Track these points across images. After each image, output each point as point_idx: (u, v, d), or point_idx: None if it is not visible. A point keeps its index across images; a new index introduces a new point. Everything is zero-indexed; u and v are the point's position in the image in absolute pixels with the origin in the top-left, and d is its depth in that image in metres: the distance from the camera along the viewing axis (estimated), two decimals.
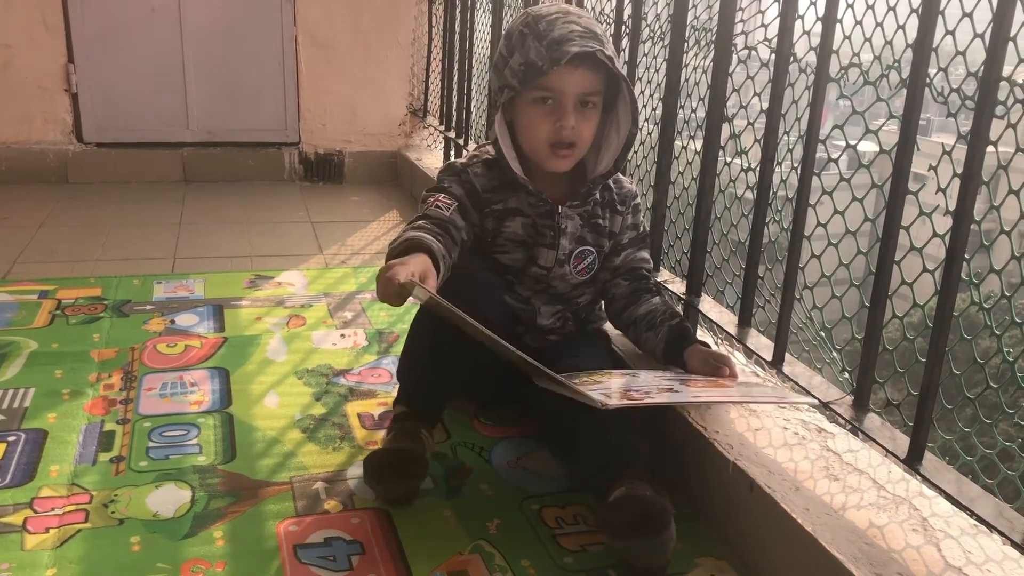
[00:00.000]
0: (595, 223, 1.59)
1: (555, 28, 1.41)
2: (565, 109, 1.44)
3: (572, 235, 1.56)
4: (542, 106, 1.45)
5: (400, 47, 3.83)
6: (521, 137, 1.52)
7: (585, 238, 1.58)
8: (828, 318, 1.42)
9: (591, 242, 1.59)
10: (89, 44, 3.51)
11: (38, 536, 1.27)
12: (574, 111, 1.44)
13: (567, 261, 1.57)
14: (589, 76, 1.43)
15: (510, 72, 1.45)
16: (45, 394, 1.71)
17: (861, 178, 1.31)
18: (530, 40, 1.42)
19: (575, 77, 1.42)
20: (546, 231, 1.55)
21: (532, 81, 1.43)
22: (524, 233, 1.55)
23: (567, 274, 1.58)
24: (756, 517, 1.23)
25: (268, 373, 1.85)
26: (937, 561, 1.05)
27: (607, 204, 1.60)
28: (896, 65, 1.19)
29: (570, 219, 1.56)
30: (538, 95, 1.45)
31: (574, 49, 1.38)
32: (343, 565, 1.23)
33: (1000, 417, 1.12)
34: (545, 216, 1.55)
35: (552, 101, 1.45)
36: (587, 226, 1.58)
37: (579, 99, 1.45)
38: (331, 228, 3.12)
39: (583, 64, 1.41)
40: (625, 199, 1.62)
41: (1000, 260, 1.04)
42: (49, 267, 2.52)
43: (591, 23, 1.45)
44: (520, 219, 1.55)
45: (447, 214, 1.47)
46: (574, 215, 1.56)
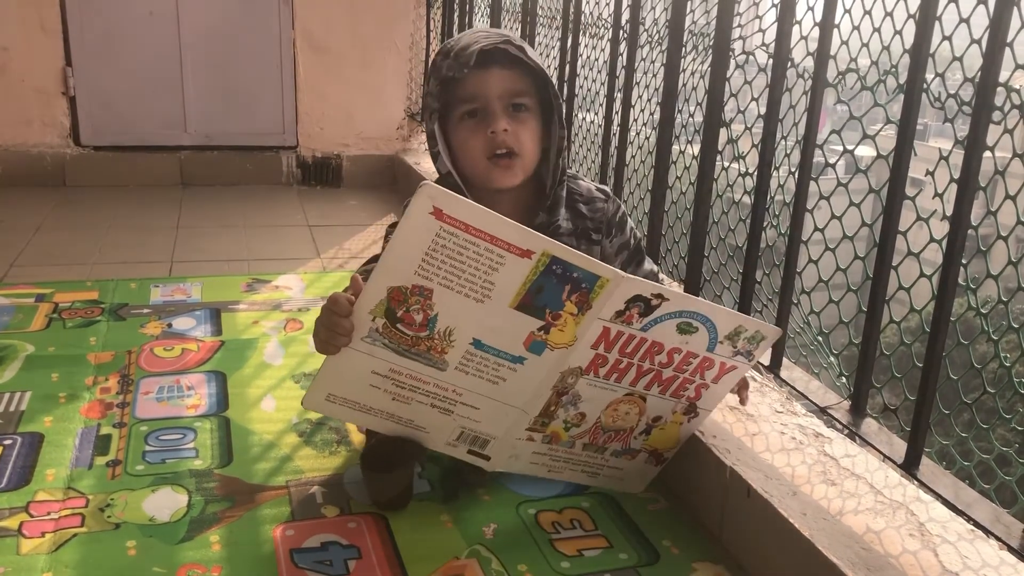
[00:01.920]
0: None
1: (461, 41, 1.37)
2: (492, 114, 1.35)
3: None
4: (470, 121, 1.37)
5: (398, 51, 3.83)
6: (461, 164, 1.41)
7: None
8: (825, 323, 1.42)
9: None
10: (87, 47, 3.51)
11: (34, 540, 1.26)
12: (504, 114, 1.36)
13: None
14: (506, 74, 1.35)
15: (431, 98, 1.38)
16: (41, 397, 1.70)
17: (858, 183, 1.32)
18: (440, 60, 1.37)
19: (492, 77, 1.35)
20: None
21: (451, 93, 1.36)
22: None
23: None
24: (753, 522, 1.23)
25: (265, 377, 1.85)
26: (934, 566, 1.05)
27: (580, 234, 1.46)
28: (893, 70, 1.20)
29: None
30: (463, 110, 1.37)
31: (478, 46, 1.32)
32: (340, 570, 1.22)
33: (997, 422, 1.12)
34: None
35: (479, 112, 1.36)
36: None
37: (506, 102, 1.36)
38: (329, 232, 3.11)
39: (496, 63, 1.34)
40: (600, 223, 1.48)
41: (997, 265, 1.05)
42: (46, 270, 2.52)
43: (501, 30, 1.40)
44: None
45: None
46: None
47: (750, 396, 1.46)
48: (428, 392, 1.23)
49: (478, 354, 1.19)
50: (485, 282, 1.14)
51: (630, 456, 1.38)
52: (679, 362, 1.27)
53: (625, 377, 1.26)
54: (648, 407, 1.31)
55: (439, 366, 1.20)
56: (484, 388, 1.23)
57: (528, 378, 1.22)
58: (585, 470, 1.38)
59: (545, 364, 1.20)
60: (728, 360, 1.28)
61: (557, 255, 1.12)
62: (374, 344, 1.18)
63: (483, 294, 1.15)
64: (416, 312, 1.17)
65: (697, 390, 1.31)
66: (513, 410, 1.26)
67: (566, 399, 1.27)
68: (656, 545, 1.31)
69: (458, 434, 1.28)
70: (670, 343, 1.24)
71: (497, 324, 1.17)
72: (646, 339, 1.23)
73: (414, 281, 1.14)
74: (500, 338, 1.18)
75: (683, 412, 1.34)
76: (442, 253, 1.12)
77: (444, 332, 1.18)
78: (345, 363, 1.19)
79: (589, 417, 1.30)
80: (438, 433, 1.28)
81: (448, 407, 1.25)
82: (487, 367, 1.20)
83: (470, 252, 1.12)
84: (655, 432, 1.35)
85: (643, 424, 1.34)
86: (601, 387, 1.27)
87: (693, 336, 1.24)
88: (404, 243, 1.12)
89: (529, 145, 1.39)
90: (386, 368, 1.20)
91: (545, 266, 1.13)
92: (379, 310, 1.16)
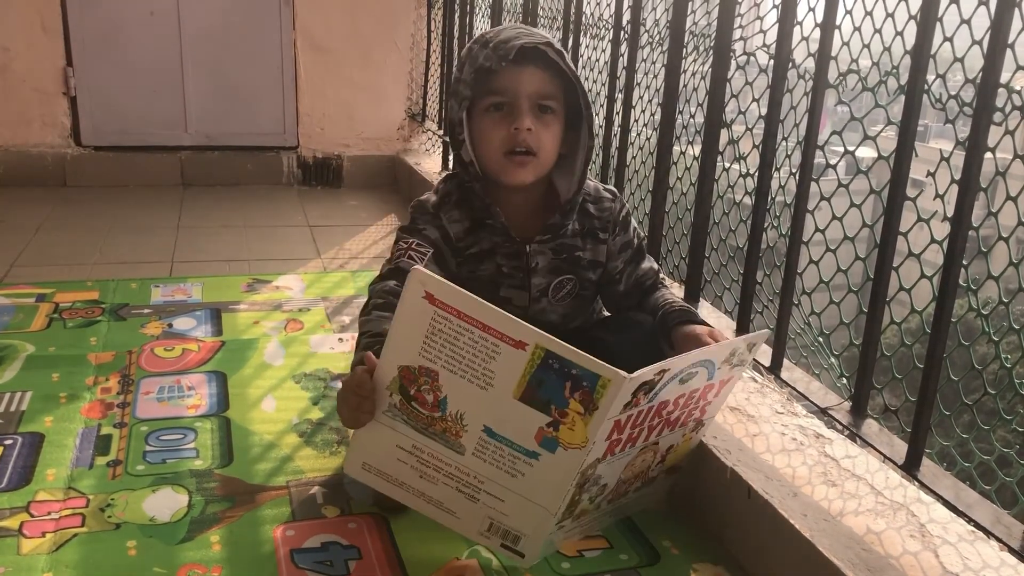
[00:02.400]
0: (575, 256, 1.48)
1: (502, 33, 1.37)
2: (519, 111, 1.36)
3: (545, 270, 1.47)
4: (496, 113, 1.38)
5: (399, 51, 3.84)
6: (478, 153, 1.42)
7: (561, 268, 1.48)
8: (826, 324, 1.42)
9: (567, 270, 1.48)
10: (87, 47, 3.51)
11: (34, 540, 1.26)
12: (530, 113, 1.37)
13: (544, 295, 1.49)
14: (540, 75, 1.36)
15: (463, 85, 1.39)
16: (42, 397, 1.70)
17: (859, 184, 1.32)
18: (477, 49, 1.38)
19: (526, 75, 1.36)
20: (516, 272, 1.47)
21: (483, 84, 1.37)
22: (498, 276, 1.47)
23: (547, 306, 1.50)
24: (754, 523, 1.23)
25: (265, 377, 1.85)
26: (935, 567, 1.05)
27: (587, 233, 1.48)
28: (894, 71, 1.20)
29: (541, 255, 1.46)
30: (490, 102, 1.38)
31: (519, 42, 1.33)
32: (340, 570, 1.22)
33: (998, 423, 1.12)
34: (512, 256, 1.46)
35: (506, 106, 1.37)
36: (566, 258, 1.48)
37: (534, 102, 1.37)
38: (329, 232, 3.12)
39: (533, 62, 1.35)
40: (607, 223, 1.49)
41: (998, 266, 1.05)
42: (46, 270, 2.52)
43: (542, 32, 1.40)
44: (493, 261, 1.47)
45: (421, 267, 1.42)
46: (545, 250, 1.46)
47: (750, 397, 1.46)
48: (451, 475, 1.21)
49: (492, 443, 1.17)
50: (485, 370, 1.14)
51: (648, 482, 1.35)
52: (686, 403, 1.24)
53: (639, 440, 1.23)
54: (662, 444, 1.28)
55: (457, 449, 1.19)
56: (504, 480, 1.19)
57: (547, 476, 1.17)
58: (611, 515, 1.34)
59: (561, 464, 1.16)
60: (727, 375, 1.26)
61: (552, 350, 1.10)
62: (395, 419, 1.19)
63: (485, 382, 1.15)
64: (427, 392, 1.17)
65: (702, 410, 1.29)
66: (537, 508, 1.20)
67: (588, 485, 1.21)
68: (656, 546, 1.31)
69: (488, 525, 1.23)
70: (674, 395, 1.22)
71: (505, 414, 1.15)
72: (653, 406, 1.20)
73: (420, 362, 1.16)
74: (510, 429, 1.16)
75: (692, 430, 1.31)
76: (440, 337, 1.14)
77: (456, 415, 1.17)
78: (371, 434, 1.21)
79: (610, 484, 1.26)
80: (469, 520, 1.23)
81: (473, 493, 1.21)
82: (503, 458, 1.18)
83: (466, 338, 1.13)
84: (669, 457, 1.32)
85: (658, 458, 1.30)
86: (619, 459, 1.23)
87: (694, 379, 1.22)
88: (405, 324, 1.15)
89: (548, 147, 1.40)
90: (410, 444, 1.20)
91: (541, 359, 1.11)
92: (394, 386, 1.18)
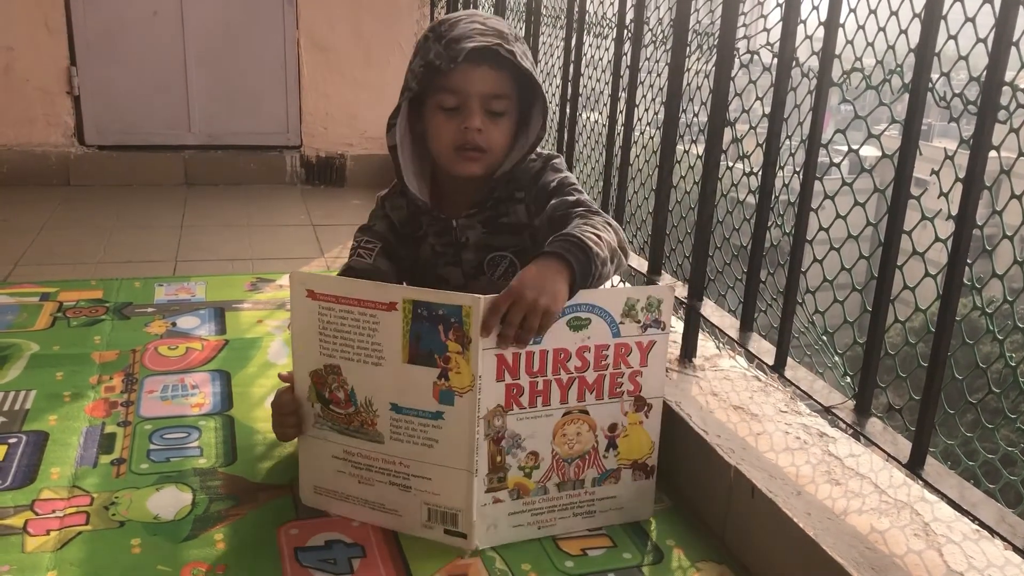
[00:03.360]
0: (500, 223, 1.49)
1: (456, 28, 1.37)
2: (470, 111, 1.37)
3: (475, 245, 1.49)
4: (446, 111, 1.39)
5: (402, 50, 3.83)
6: (430, 146, 1.45)
7: (491, 244, 1.49)
8: (830, 322, 1.42)
9: (499, 245, 1.49)
10: (91, 46, 3.51)
11: (39, 538, 1.26)
12: (480, 112, 1.38)
13: (480, 272, 1.51)
14: (492, 75, 1.36)
15: (411, 75, 1.40)
16: (46, 396, 1.71)
17: (862, 182, 1.31)
18: (431, 42, 1.38)
19: (477, 74, 1.36)
20: (447, 250, 1.50)
21: (432, 81, 1.37)
22: (433, 254, 1.52)
23: (488, 283, 1.50)
24: (757, 522, 1.23)
25: (269, 376, 1.85)
26: (939, 566, 1.05)
27: (508, 197, 1.48)
28: (899, 70, 1.19)
29: (470, 229, 1.48)
30: (441, 99, 1.39)
31: (471, 45, 1.33)
32: (344, 568, 1.23)
33: (1002, 422, 1.11)
34: (443, 233, 1.49)
35: (457, 105, 1.38)
36: (491, 229, 1.49)
37: (485, 102, 1.38)
38: (332, 231, 3.12)
39: (485, 62, 1.35)
40: (523, 182, 1.47)
41: (1002, 265, 1.04)
42: (50, 269, 2.53)
43: (498, 24, 1.39)
44: (429, 241, 1.52)
45: (370, 262, 1.48)
46: (474, 223, 1.48)
47: (754, 396, 1.46)
48: (380, 469, 1.29)
49: (401, 419, 1.26)
50: (373, 344, 1.25)
51: (613, 479, 1.34)
52: (595, 360, 1.28)
53: (551, 397, 1.27)
54: (595, 418, 1.30)
55: (377, 439, 1.28)
56: (423, 454, 1.26)
57: (455, 433, 1.24)
58: (576, 512, 1.33)
59: (462, 413, 1.22)
60: (642, 338, 1.29)
61: (416, 298, 1.20)
62: (323, 429, 1.32)
63: (377, 357, 1.25)
64: (337, 390, 1.29)
65: (632, 380, 1.31)
66: (460, 473, 1.24)
67: (506, 443, 1.26)
68: (660, 545, 1.31)
69: (427, 513, 1.27)
70: (573, 344, 1.26)
71: (402, 384, 1.25)
72: (546, 350, 1.25)
73: (323, 362, 1.29)
74: (411, 396, 1.25)
75: (635, 409, 1.32)
76: (330, 328, 1.27)
77: (366, 403, 1.28)
78: (310, 451, 1.34)
79: (543, 454, 1.28)
80: (410, 515, 1.28)
81: (404, 482, 1.28)
82: (415, 430, 1.26)
83: (349, 320, 1.25)
84: (622, 443, 1.32)
85: (603, 438, 1.31)
86: (533, 417, 1.27)
87: (590, 328, 1.26)
88: (300, 329, 1.30)
89: (499, 143, 1.43)
90: (341, 450, 1.31)
91: (412, 312, 1.21)
92: (312, 396, 1.31)
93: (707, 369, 1.62)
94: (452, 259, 1.51)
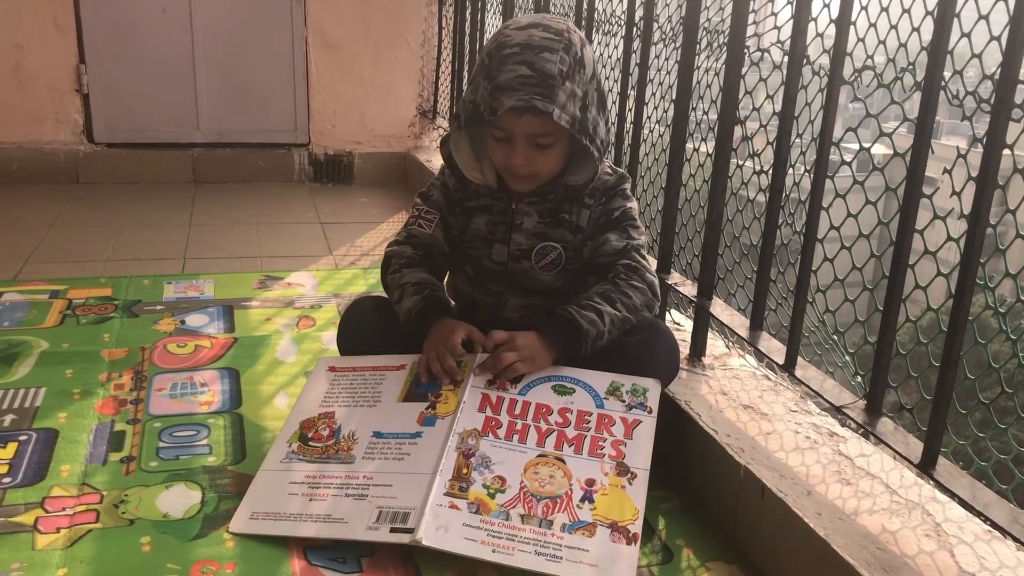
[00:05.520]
0: (560, 217, 1.53)
1: (503, 70, 1.37)
2: (515, 148, 1.42)
3: (529, 231, 1.53)
4: (497, 139, 1.44)
5: (410, 48, 3.83)
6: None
7: (547, 234, 1.53)
8: (840, 321, 1.41)
9: (554, 237, 1.53)
10: (100, 45, 3.52)
11: (49, 536, 1.27)
12: (525, 149, 1.41)
13: (526, 257, 1.54)
14: (535, 121, 1.38)
15: (462, 105, 1.46)
16: (56, 394, 1.71)
17: (873, 181, 1.31)
18: (481, 78, 1.40)
19: (520, 122, 1.38)
20: (500, 226, 1.55)
21: (475, 124, 1.43)
22: (486, 230, 1.56)
23: (530, 269, 1.55)
24: (767, 521, 1.22)
25: (278, 374, 1.85)
26: (950, 567, 1.05)
27: (575, 197, 1.52)
28: (911, 68, 1.19)
29: (527, 215, 1.53)
30: (492, 129, 1.43)
31: (509, 103, 1.35)
32: (353, 567, 1.22)
33: (1014, 421, 1.11)
34: (501, 212, 1.55)
35: (505, 138, 1.42)
36: (549, 221, 1.53)
37: (530, 139, 1.41)
38: (340, 229, 3.12)
39: (526, 111, 1.36)
40: (596, 190, 1.52)
41: (1015, 264, 1.04)
42: (60, 267, 2.53)
43: (546, 63, 1.36)
44: (485, 216, 1.56)
45: (430, 232, 1.57)
46: (531, 211, 1.53)
47: (763, 395, 1.45)
48: (341, 485, 1.31)
49: (380, 441, 1.36)
50: (374, 393, 1.44)
51: (587, 532, 1.22)
52: (576, 420, 1.36)
53: (528, 437, 1.33)
54: (572, 469, 1.29)
55: (348, 461, 1.34)
56: (392, 466, 1.31)
57: (429, 446, 1.31)
58: (540, 551, 1.20)
59: (440, 430, 1.33)
60: (627, 415, 1.36)
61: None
62: (291, 462, 1.37)
63: (374, 401, 1.42)
64: (323, 429, 1.41)
65: (615, 447, 1.32)
66: (423, 476, 1.26)
67: (475, 460, 1.29)
68: (670, 544, 1.31)
69: (377, 515, 1.24)
70: (556, 404, 1.38)
71: (390, 416, 1.39)
72: (529, 402, 1.38)
73: (319, 411, 1.44)
74: (395, 424, 1.37)
75: (617, 473, 1.28)
76: (337, 387, 1.48)
77: (348, 435, 1.38)
78: (265, 484, 1.35)
79: (511, 482, 1.27)
80: (357, 521, 1.25)
81: (362, 492, 1.29)
82: (390, 449, 1.34)
83: (359, 381, 1.47)
84: (599, 499, 1.25)
85: (579, 489, 1.27)
86: (508, 449, 1.32)
87: (575, 396, 1.39)
88: (309, 392, 1.49)
89: (548, 169, 1.47)
90: (302, 476, 1.34)
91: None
92: (294, 438, 1.41)
93: (716, 368, 1.62)
94: (502, 237, 1.55)
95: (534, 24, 1.41)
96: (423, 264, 1.55)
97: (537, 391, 1.39)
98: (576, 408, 1.37)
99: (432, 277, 1.54)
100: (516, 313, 1.58)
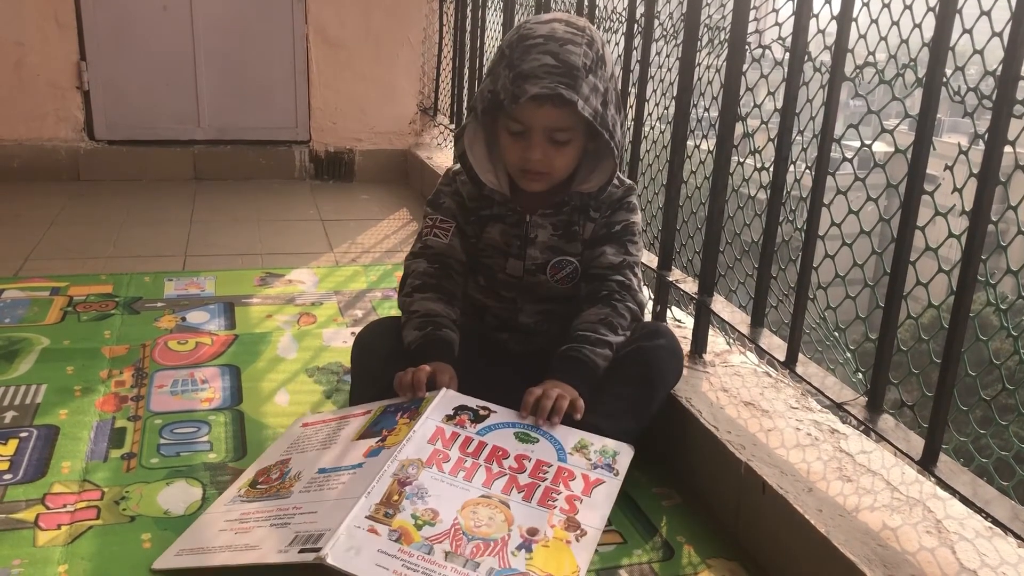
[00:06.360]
0: (572, 231, 1.54)
1: (526, 59, 1.36)
2: (532, 142, 1.40)
3: (543, 244, 1.53)
4: (512, 134, 1.42)
5: (411, 45, 3.83)
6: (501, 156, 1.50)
7: (561, 248, 1.54)
8: (842, 318, 1.41)
9: (569, 251, 1.54)
10: (101, 41, 3.52)
11: (50, 532, 1.27)
12: (543, 143, 1.40)
13: (541, 271, 1.54)
14: (555, 112, 1.37)
15: (479, 95, 1.44)
16: (57, 390, 1.71)
17: (874, 178, 1.31)
18: (502, 67, 1.39)
19: (540, 112, 1.37)
20: (514, 240, 1.54)
21: (493, 112, 1.42)
22: (501, 240, 1.55)
23: (545, 283, 1.55)
24: (768, 518, 1.22)
25: (278, 371, 1.85)
26: (951, 563, 1.05)
27: (583, 210, 1.53)
28: (912, 64, 1.18)
29: (541, 228, 1.52)
30: (507, 123, 1.42)
31: (533, 90, 1.33)
32: None
33: (1015, 418, 1.11)
34: (515, 225, 1.53)
35: (522, 131, 1.41)
36: (563, 235, 1.53)
37: (548, 133, 1.40)
38: (341, 226, 3.12)
39: (548, 101, 1.35)
40: (602, 203, 1.53)
41: (1016, 260, 1.04)
42: (60, 264, 2.53)
43: (570, 55, 1.35)
44: (499, 225, 1.54)
45: (446, 241, 1.54)
46: (546, 223, 1.52)
47: (764, 392, 1.45)
48: (267, 517, 1.24)
49: (321, 476, 1.30)
50: (334, 436, 1.39)
51: None
52: (532, 469, 1.28)
53: (475, 477, 1.24)
54: (515, 515, 1.20)
55: (284, 496, 1.29)
56: (324, 495, 1.23)
57: (367, 473, 1.23)
58: None
59: (382, 459, 1.25)
60: (589, 472, 1.29)
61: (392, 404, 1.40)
62: (233, 503, 1.33)
63: (329, 443, 1.38)
64: (275, 472, 1.37)
65: (569, 502, 1.23)
66: (350, 500, 1.17)
67: (410, 490, 1.18)
68: (670, 541, 1.31)
69: (292, 539, 1.15)
70: (514, 450, 1.32)
71: (342, 453, 1.34)
72: (485, 443, 1.31)
73: (276, 459, 1.42)
74: (342, 460, 1.32)
75: (565, 527, 1.19)
76: (303, 439, 1.45)
77: (295, 475, 1.34)
78: (202, 525, 1.30)
79: (443, 516, 1.17)
80: (270, 546, 1.16)
81: (285, 522, 1.20)
82: (328, 480, 1.28)
83: (325, 430, 1.44)
84: (538, 550, 1.15)
85: (517, 536, 1.17)
86: (449, 483, 1.22)
87: (537, 445, 1.32)
88: (274, 446, 1.49)
89: (562, 167, 1.46)
90: (238, 514, 1.29)
91: (382, 411, 1.39)
92: (245, 484, 1.37)
93: (717, 365, 1.62)
94: (516, 252, 1.54)
95: (556, 19, 1.41)
96: (439, 283, 1.52)
97: (497, 434, 1.32)
98: (535, 457, 1.29)
99: (441, 307, 1.50)
100: (531, 319, 1.58)
